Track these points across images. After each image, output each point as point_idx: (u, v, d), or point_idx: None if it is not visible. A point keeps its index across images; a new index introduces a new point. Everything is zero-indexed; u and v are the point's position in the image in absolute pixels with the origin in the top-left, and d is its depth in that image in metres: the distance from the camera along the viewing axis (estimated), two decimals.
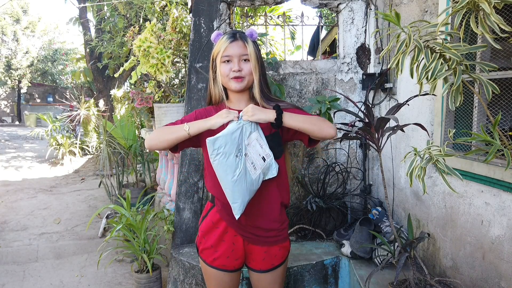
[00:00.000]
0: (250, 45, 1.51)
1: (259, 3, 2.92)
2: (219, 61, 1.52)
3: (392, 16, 1.44)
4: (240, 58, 1.50)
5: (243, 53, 1.49)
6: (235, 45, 1.49)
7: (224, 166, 1.42)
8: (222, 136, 1.41)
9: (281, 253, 1.65)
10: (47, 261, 3.68)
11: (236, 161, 1.43)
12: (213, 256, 1.62)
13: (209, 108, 1.65)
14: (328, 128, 1.47)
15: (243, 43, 1.50)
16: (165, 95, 3.40)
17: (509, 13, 1.65)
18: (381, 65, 2.88)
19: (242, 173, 1.43)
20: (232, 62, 1.50)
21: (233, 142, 1.42)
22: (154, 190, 4.76)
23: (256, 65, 1.52)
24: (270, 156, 1.50)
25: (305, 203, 2.86)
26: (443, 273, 2.17)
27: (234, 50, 1.49)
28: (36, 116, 16.56)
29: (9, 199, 5.72)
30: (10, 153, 9.86)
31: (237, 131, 1.43)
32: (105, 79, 8.48)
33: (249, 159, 1.47)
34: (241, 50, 1.49)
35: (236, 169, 1.42)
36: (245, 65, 1.51)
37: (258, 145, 1.49)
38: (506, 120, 1.93)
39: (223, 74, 1.52)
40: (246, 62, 1.51)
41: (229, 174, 1.42)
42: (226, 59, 1.50)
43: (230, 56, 1.49)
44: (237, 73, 1.49)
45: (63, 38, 34.52)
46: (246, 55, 1.50)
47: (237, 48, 1.49)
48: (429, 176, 2.28)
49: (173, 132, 1.50)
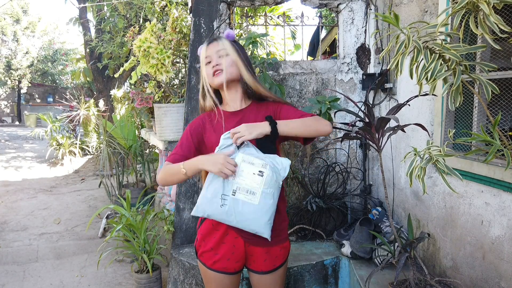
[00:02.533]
0: (224, 42, 1.60)
1: (259, 3, 2.92)
2: (202, 66, 1.60)
3: (391, 17, 1.44)
4: (218, 55, 1.57)
5: (218, 49, 1.58)
6: (211, 46, 1.60)
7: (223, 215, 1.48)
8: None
9: (282, 254, 1.65)
10: (47, 261, 3.68)
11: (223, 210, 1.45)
12: (213, 259, 1.61)
13: (203, 116, 1.68)
14: (324, 126, 1.51)
15: (217, 43, 1.60)
16: (165, 95, 3.40)
17: (508, 14, 1.65)
18: (381, 65, 2.88)
19: (238, 215, 1.44)
20: (212, 61, 1.58)
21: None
22: (154, 190, 4.76)
23: (237, 58, 1.58)
24: (266, 165, 1.44)
25: (305, 203, 2.86)
26: (443, 273, 2.17)
27: (210, 50, 1.59)
28: (36, 116, 16.55)
29: (9, 199, 5.72)
30: (10, 153, 9.86)
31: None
32: (105, 79, 8.48)
33: (241, 191, 1.43)
34: (216, 47, 1.58)
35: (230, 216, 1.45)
36: (223, 59, 1.57)
37: (247, 166, 1.44)
38: (506, 120, 1.93)
39: (207, 75, 1.59)
40: (224, 57, 1.57)
41: (232, 220, 1.46)
42: (207, 61, 1.59)
43: (209, 56, 1.58)
44: (216, 67, 1.56)
45: (63, 38, 34.49)
46: (222, 50, 1.57)
47: (213, 47, 1.59)
48: (429, 176, 2.28)
49: (173, 175, 1.54)
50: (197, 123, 1.65)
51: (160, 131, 3.04)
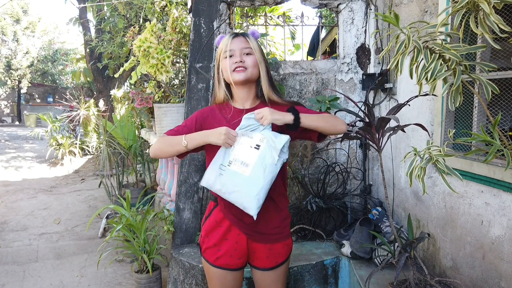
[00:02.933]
0: (252, 40, 1.53)
1: (259, 3, 2.92)
2: (222, 58, 1.53)
3: (391, 17, 1.44)
4: (242, 52, 1.51)
5: (245, 46, 1.51)
6: (237, 40, 1.52)
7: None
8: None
9: (284, 251, 1.66)
10: (47, 261, 3.68)
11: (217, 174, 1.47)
12: (216, 255, 1.63)
13: (213, 106, 1.65)
14: (341, 125, 1.54)
15: (244, 39, 1.53)
16: (165, 95, 3.40)
17: (508, 13, 1.65)
18: (381, 65, 2.88)
19: (230, 186, 1.45)
20: (234, 56, 1.52)
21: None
22: (154, 190, 4.76)
23: (261, 58, 1.54)
24: (264, 139, 1.45)
25: (305, 203, 2.86)
26: (443, 273, 2.17)
27: (236, 45, 1.51)
28: (36, 116, 16.55)
29: (9, 199, 5.72)
30: (10, 153, 9.85)
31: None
32: (105, 79, 8.48)
33: (236, 162, 1.46)
34: (243, 44, 1.52)
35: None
36: (248, 58, 1.52)
37: (245, 138, 1.47)
38: (506, 120, 1.93)
39: (225, 69, 1.53)
40: (248, 56, 1.52)
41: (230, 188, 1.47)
42: (228, 54, 1.52)
43: (232, 50, 1.51)
44: (239, 63, 1.50)
45: (63, 38, 34.51)
46: (248, 48, 1.52)
47: (239, 43, 1.51)
48: (429, 176, 2.28)
49: (172, 145, 1.52)
50: (206, 112, 1.64)
51: (160, 131, 3.04)
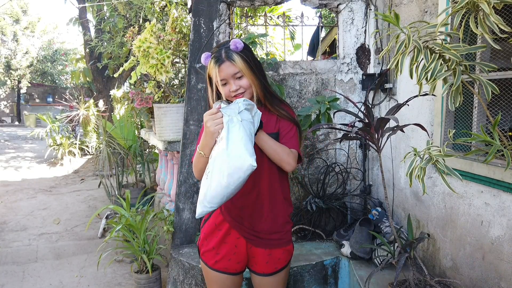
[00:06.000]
0: (237, 60, 1.50)
1: (259, 3, 2.92)
2: (219, 85, 1.54)
3: (391, 17, 1.44)
4: (234, 77, 1.52)
5: (233, 72, 1.51)
6: (224, 68, 1.50)
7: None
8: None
9: (284, 257, 1.64)
10: (46, 261, 3.68)
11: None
12: (214, 259, 1.62)
13: None
14: (286, 164, 1.53)
15: (230, 63, 1.50)
16: (165, 95, 3.40)
17: (508, 14, 1.65)
18: (381, 65, 2.88)
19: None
20: (228, 84, 1.53)
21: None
22: (153, 191, 4.76)
23: (252, 76, 1.53)
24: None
25: (305, 204, 2.86)
26: (443, 274, 2.16)
27: (225, 73, 1.51)
28: (35, 116, 16.56)
29: (9, 200, 5.72)
30: (10, 154, 9.85)
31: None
32: (105, 79, 8.47)
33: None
34: (231, 70, 1.51)
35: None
36: (241, 81, 1.52)
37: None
38: (506, 121, 1.93)
39: (226, 95, 1.55)
40: (240, 79, 1.52)
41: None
42: (223, 83, 1.53)
43: (224, 79, 1.52)
44: (237, 92, 1.52)
45: (62, 38, 34.59)
46: (238, 73, 1.51)
47: (227, 70, 1.51)
48: (429, 177, 2.28)
49: (199, 162, 1.53)
50: None
51: (159, 131, 3.04)
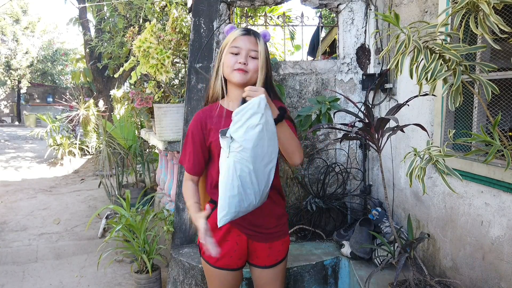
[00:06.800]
0: (261, 43, 1.49)
1: (259, 3, 2.92)
2: (226, 51, 1.49)
3: (391, 17, 1.44)
4: (248, 53, 1.47)
5: (252, 48, 1.47)
6: (246, 39, 1.47)
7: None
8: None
9: (284, 248, 1.68)
10: (46, 261, 3.68)
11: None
12: (216, 257, 1.62)
13: (201, 116, 1.60)
14: (297, 158, 1.51)
15: (255, 39, 1.48)
16: (165, 95, 3.40)
17: (508, 14, 1.65)
18: (381, 65, 2.88)
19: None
20: (239, 55, 1.47)
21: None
22: (153, 191, 4.75)
23: (264, 64, 1.49)
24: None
25: (305, 204, 2.86)
26: (443, 274, 2.16)
27: (244, 43, 1.46)
28: (35, 116, 16.56)
29: (9, 199, 5.72)
30: (10, 153, 9.85)
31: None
32: (105, 79, 8.47)
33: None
34: (251, 45, 1.47)
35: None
36: (252, 61, 1.48)
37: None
38: (506, 121, 1.93)
39: (227, 64, 1.48)
40: (253, 59, 1.48)
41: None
42: (234, 51, 1.47)
43: (239, 47, 1.46)
44: (242, 66, 1.46)
45: (62, 38, 34.57)
46: (255, 52, 1.47)
47: (248, 42, 1.47)
48: (429, 177, 2.28)
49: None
50: (205, 113, 1.58)
51: (160, 131, 3.04)
